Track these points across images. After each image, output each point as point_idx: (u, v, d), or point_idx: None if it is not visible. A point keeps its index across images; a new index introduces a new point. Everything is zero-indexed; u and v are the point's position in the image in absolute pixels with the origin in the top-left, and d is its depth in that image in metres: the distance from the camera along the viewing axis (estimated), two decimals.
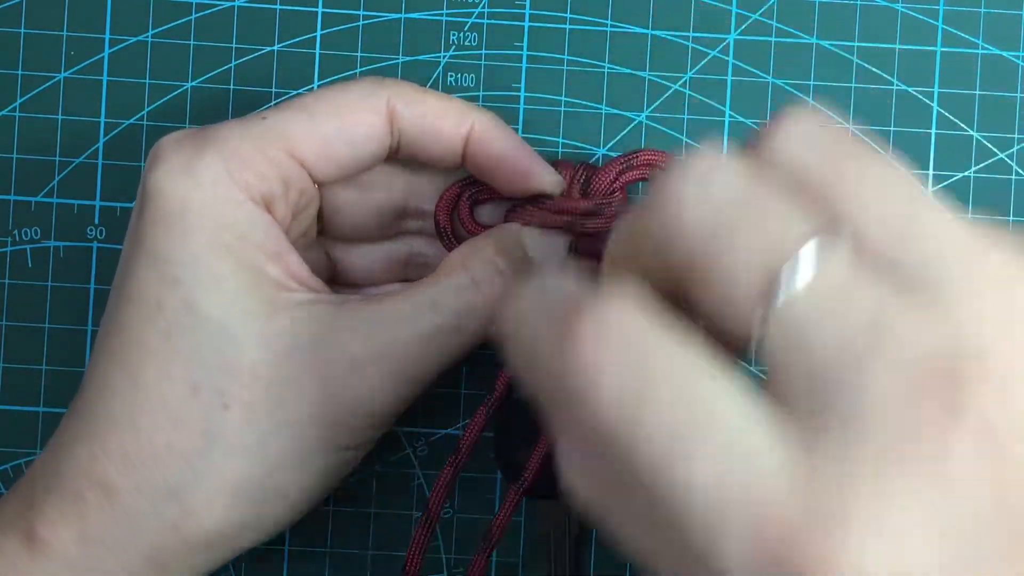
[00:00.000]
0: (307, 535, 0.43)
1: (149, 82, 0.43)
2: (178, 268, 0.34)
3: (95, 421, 0.34)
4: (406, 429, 0.43)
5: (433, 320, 0.36)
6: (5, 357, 0.43)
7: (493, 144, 0.38)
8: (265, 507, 0.35)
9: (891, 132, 0.43)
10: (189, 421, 0.33)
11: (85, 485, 0.33)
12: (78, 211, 0.43)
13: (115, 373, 0.34)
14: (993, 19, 0.43)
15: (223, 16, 0.43)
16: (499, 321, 0.26)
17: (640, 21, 0.43)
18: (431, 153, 0.38)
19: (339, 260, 0.40)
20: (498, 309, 0.27)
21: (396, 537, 0.43)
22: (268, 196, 0.35)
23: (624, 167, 0.39)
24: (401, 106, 0.37)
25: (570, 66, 0.43)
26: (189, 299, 0.33)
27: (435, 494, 0.38)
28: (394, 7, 0.43)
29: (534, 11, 0.43)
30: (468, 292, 0.36)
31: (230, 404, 0.33)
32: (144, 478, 0.33)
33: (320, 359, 0.34)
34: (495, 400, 0.39)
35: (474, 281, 0.36)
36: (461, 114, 0.37)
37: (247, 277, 0.34)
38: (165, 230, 0.34)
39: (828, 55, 0.43)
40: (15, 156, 0.43)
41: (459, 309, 0.36)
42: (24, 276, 0.43)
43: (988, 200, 0.43)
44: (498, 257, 0.37)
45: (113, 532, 0.33)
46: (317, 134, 0.36)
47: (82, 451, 0.34)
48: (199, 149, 0.34)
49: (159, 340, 0.34)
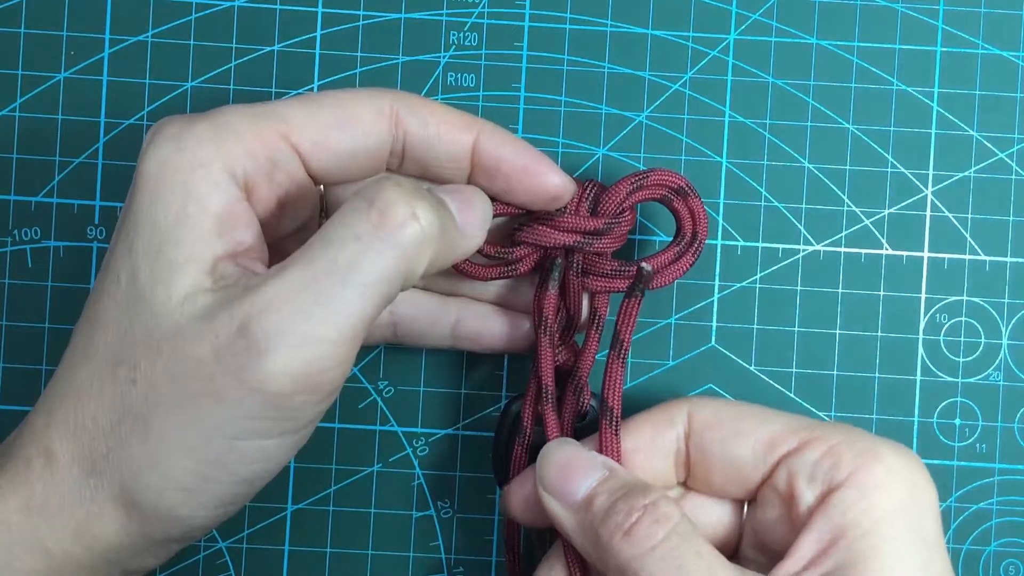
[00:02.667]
0: (307, 535, 0.43)
1: (149, 82, 0.43)
2: (135, 234, 0.34)
3: (53, 391, 0.35)
4: (406, 429, 0.43)
5: (325, 257, 0.32)
6: (5, 357, 0.43)
7: (502, 149, 0.37)
8: (164, 493, 0.33)
9: (891, 132, 0.43)
10: (108, 395, 0.33)
11: (34, 452, 0.34)
12: (78, 211, 0.43)
13: (77, 345, 0.35)
14: (993, 19, 0.43)
15: (223, 16, 0.43)
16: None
17: (640, 21, 0.43)
18: (438, 160, 0.37)
19: None
20: None
21: (396, 537, 0.43)
22: (251, 173, 0.35)
23: (635, 187, 0.39)
24: (405, 110, 0.36)
25: (570, 66, 0.43)
26: (135, 267, 0.33)
27: None
28: (394, 7, 0.43)
29: (534, 11, 0.43)
30: (362, 213, 0.32)
31: (136, 379, 0.33)
32: (77, 448, 0.33)
33: (211, 332, 0.32)
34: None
35: (370, 203, 0.32)
36: (467, 122, 0.37)
37: (189, 248, 0.33)
38: (138, 198, 0.34)
39: (828, 55, 0.43)
40: (15, 156, 0.43)
41: (357, 233, 0.32)
42: (24, 276, 0.43)
43: (988, 200, 0.43)
44: (400, 184, 0.33)
45: (50, 502, 0.33)
46: (315, 121, 0.35)
47: (39, 420, 0.34)
48: (193, 120, 0.35)
49: (112, 311, 0.34)
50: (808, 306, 0.43)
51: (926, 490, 0.35)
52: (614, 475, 0.36)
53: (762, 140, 0.43)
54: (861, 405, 0.43)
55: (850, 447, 0.35)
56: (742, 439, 0.36)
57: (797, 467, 0.35)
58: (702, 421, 0.37)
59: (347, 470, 0.43)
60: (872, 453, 0.34)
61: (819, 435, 0.35)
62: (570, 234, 0.38)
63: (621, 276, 0.39)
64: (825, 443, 0.35)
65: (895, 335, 0.42)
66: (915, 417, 0.43)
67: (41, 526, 0.33)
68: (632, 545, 0.34)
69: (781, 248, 0.43)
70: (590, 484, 0.36)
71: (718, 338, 0.43)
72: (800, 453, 0.35)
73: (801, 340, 0.43)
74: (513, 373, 0.43)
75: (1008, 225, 0.43)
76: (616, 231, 0.39)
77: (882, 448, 0.35)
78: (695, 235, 0.39)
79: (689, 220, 0.39)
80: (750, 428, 0.36)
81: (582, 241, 0.38)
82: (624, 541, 0.34)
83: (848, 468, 0.34)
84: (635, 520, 0.34)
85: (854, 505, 0.34)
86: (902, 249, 0.43)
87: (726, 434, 0.36)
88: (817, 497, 0.35)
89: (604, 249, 0.39)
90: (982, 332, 0.43)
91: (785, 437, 0.36)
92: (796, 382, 0.43)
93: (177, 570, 0.43)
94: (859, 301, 0.43)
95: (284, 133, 0.35)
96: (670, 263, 0.39)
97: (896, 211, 0.43)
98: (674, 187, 0.39)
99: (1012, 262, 0.43)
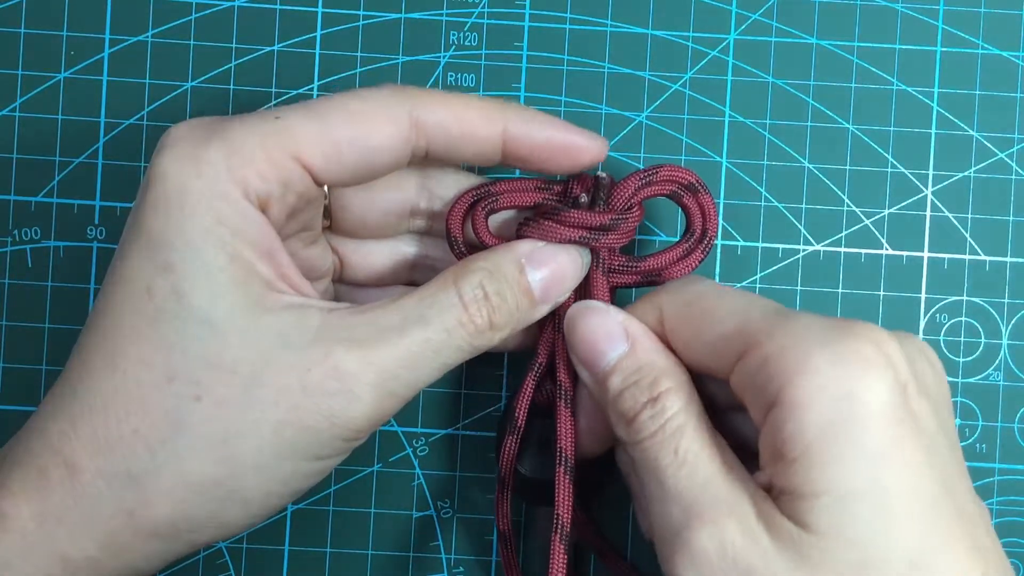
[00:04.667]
0: (307, 535, 0.43)
1: (149, 82, 0.43)
2: (172, 254, 0.34)
3: (72, 400, 0.34)
4: (406, 429, 0.43)
5: (421, 335, 0.35)
6: (5, 357, 0.43)
7: (533, 137, 0.37)
8: (224, 506, 0.34)
9: (891, 132, 0.43)
10: (159, 409, 0.33)
11: (51, 462, 0.33)
12: (78, 211, 0.43)
13: (97, 354, 0.34)
14: (993, 19, 0.43)
15: (223, 16, 0.43)
16: None
17: (640, 21, 0.43)
18: (465, 157, 0.37)
19: (346, 257, 0.40)
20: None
21: (396, 537, 0.43)
22: (265, 196, 0.35)
23: (644, 182, 0.39)
24: (425, 115, 0.36)
25: (570, 66, 0.43)
26: (179, 287, 0.33)
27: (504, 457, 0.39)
28: (394, 7, 0.43)
29: (534, 11, 0.43)
30: (456, 311, 0.35)
31: (202, 396, 0.33)
32: (108, 461, 0.33)
33: (302, 365, 0.34)
34: (541, 367, 0.39)
35: (463, 302, 0.35)
36: (489, 117, 0.37)
37: (238, 273, 0.34)
38: (164, 214, 0.34)
39: (828, 55, 0.43)
40: (15, 156, 0.43)
41: (447, 327, 0.35)
42: (24, 276, 0.43)
43: (988, 200, 0.43)
44: (488, 283, 0.36)
45: (71, 512, 0.33)
46: (327, 139, 0.35)
47: (54, 429, 0.34)
48: (206, 140, 0.34)
49: (144, 325, 0.34)
50: (808, 306, 0.43)
51: (864, 398, 0.31)
52: (633, 353, 0.36)
53: (762, 140, 0.43)
54: None
55: (781, 358, 0.32)
56: (700, 340, 0.35)
57: (740, 378, 0.34)
58: (670, 318, 0.36)
59: (347, 470, 0.43)
60: (802, 365, 0.32)
61: (762, 339, 0.33)
62: (576, 229, 0.38)
63: (629, 272, 0.39)
64: (761, 353, 0.33)
65: None
66: None
67: (59, 536, 0.33)
68: (632, 433, 0.35)
69: (781, 248, 0.43)
70: (610, 360, 0.36)
71: None
72: (743, 362, 0.34)
73: None
74: (513, 373, 0.43)
75: (1008, 225, 0.43)
76: (623, 227, 0.38)
77: (815, 357, 0.32)
78: (705, 232, 0.39)
79: (699, 216, 0.39)
80: (707, 328, 0.35)
81: (588, 237, 0.38)
82: (627, 428, 0.35)
83: (777, 384, 0.32)
84: (638, 410, 0.35)
85: (783, 427, 0.32)
86: (902, 249, 0.43)
87: (687, 336, 0.36)
88: (761, 412, 0.33)
89: (613, 246, 0.39)
90: (982, 332, 0.43)
91: (734, 340, 0.34)
92: None
93: (177, 570, 0.43)
94: (859, 301, 0.43)
95: (295, 153, 0.35)
96: (679, 259, 0.39)
97: (896, 211, 0.43)
98: (684, 183, 0.39)
99: (1012, 262, 0.43)
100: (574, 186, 0.39)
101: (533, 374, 0.39)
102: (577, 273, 0.38)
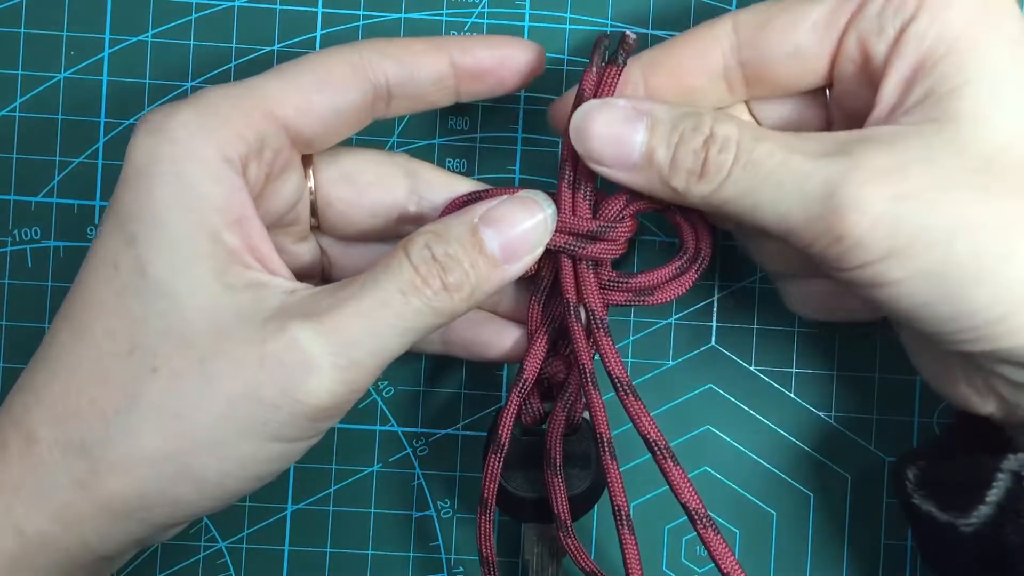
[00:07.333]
0: (307, 535, 0.43)
1: (149, 82, 0.43)
2: (135, 225, 0.34)
3: (37, 372, 0.34)
4: (406, 429, 0.43)
5: (375, 298, 0.34)
6: (5, 357, 0.43)
7: (476, 54, 0.38)
8: (175, 483, 0.33)
9: None
10: (118, 379, 0.33)
11: (12, 434, 0.34)
12: (78, 211, 0.43)
13: (64, 328, 0.34)
14: None
15: (223, 16, 0.43)
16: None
17: (640, 21, 0.43)
18: (424, 88, 0.37)
19: (335, 258, 0.40)
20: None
21: (396, 537, 0.43)
22: (244, 155, 0.35)
23: (635, 195, 0.37)
24: (377, 56, 0.37)
25: (570, 66, 0.43)
26: (142, 258, 0.33)
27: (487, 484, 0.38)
28: (394, 7, 0.43)
29: (534, 11, 0.43)
30: (406, 273, 0.34)
31: (159, 368, 0.33)
32: (64, 431, 0.33)
33: (259, 338, 0.33)
34: (527, 383, 0.38)
35: (412, 264, 0.34)
36: (437, 45, 0.37)
37: (202, 243, 0.34)
38: (134, 187, 0.34)
39: None
40: (15, 156, 0.43)
41: (401, 288, 0.34)
42: (24, 276, 0.43)
43: None
44: (435, 244, 0.34)
45: (27, 484, 0.33)
46: (294, 89, 0.36)
47: (18, 401, 0.34)
48: (176, 108, 0.35)
49: (111, 297, 0.34)
50: None
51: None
52: (658, 119, 0.35)
53: None
54: (861, 405, 0.43)
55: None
56: (798, 27, 0.35)
57: (864, 26, 0.35)
58: (749, 25, 0.36)
59: (347, 470, 0.43)
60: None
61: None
62: (562, 235, 0.37)
63: (619, 288, 0.38)
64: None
65: (895, 335, 0.42)
66: (915, 417, 0.43)
67: (16, 507, 0.33)
68: (709, 183, 0.34)
69: None
70: (640, 142, 0.35)
71: (718, 338, 0.43)
72: (862, 11, 0.35)
73: (801, 340, 0.43)
74: (513, 374, 0.43)
75: None
76: (611, 235, 0.37)
77: None
78: (698, 251, 0.37)
79: (691, 234, 0.37)
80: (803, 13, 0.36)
81: (574, 243, 0.37)
82: (701, 183, 0.34)
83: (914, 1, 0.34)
84: (703, 154, 0.34)
85: (928, 30, 0.34)
86: None
87: (780, 29, 0.36)
88: (890, 43, 0.34)
89: (601, 256, 0.37)
90: None
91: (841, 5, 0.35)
92: (796, 382, 0.43)
93: (177, 570, 0.43)
94: None
95: (267, 109, 0.35)
96: (671, 279, 0.37)
97: None
98: None
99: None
100: (601, 46, 0.37)
101: (518, 391, 0.38)
102: (540, 226, 0.36)
